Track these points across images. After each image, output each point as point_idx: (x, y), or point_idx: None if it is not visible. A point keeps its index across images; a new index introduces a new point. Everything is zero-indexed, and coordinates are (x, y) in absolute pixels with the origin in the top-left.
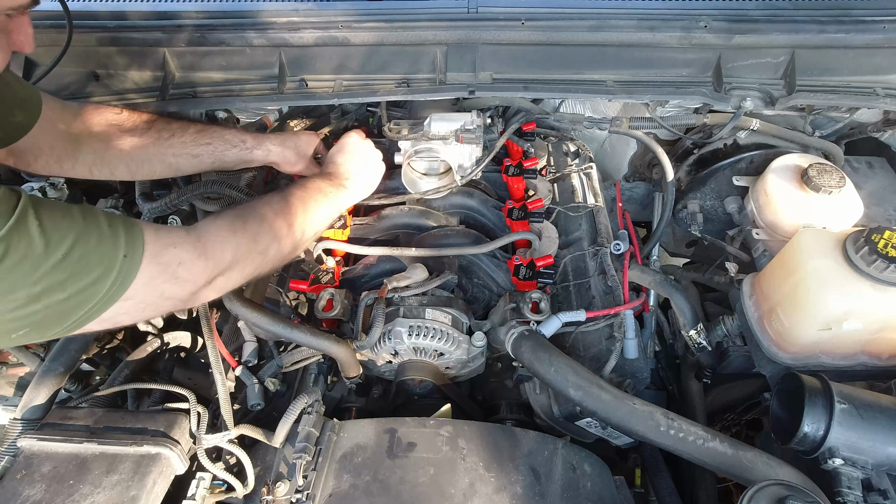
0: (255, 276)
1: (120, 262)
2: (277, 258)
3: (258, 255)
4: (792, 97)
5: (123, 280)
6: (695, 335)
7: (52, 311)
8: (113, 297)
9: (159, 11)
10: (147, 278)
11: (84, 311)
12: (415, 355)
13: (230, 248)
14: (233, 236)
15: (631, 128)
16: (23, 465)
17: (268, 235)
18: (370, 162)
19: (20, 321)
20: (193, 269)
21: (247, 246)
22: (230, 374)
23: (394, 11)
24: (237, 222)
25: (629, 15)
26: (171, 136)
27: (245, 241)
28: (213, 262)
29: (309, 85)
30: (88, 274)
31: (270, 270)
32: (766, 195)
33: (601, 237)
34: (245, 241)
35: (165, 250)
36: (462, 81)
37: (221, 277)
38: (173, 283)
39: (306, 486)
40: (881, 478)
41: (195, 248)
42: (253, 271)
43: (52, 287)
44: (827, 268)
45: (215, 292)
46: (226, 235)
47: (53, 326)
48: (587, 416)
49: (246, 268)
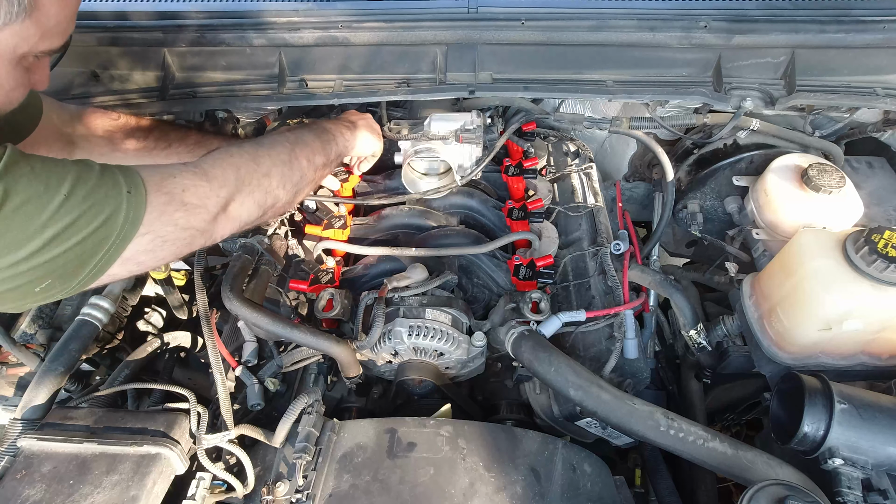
0: (270, 204)
1: (125, 197)
2: (285, 183)
3: (263, 178)
4: (792, 97)
5: (135, 213)
6: (695, 335)
7: (70, 255)
8: (128, 233)
9: (159, 11)
10: (157, 209)
11: (103, 253)
12: (415, 355)
13: (231, 169)
14: (230, 157)
15: (631, 128)
16: (23, 465)
17: (267, 158)
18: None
19: (39, 270)
20: (199, 192)
21: (247, 166)
22: (230, 374)
23: (394, 11)
24: (233, 149)
25: (629, 15)
26: (168, 146)
27: (244, 161)
28: (216, 182)
29: (309, 85)
30: (98, 213)
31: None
32: (766, 195)
33: (601, 237)
34: (244, 162)
35: (166, 180)
36: (462, 81)
37: (234, 203)
38: (184, 210)
39: (306, 486)
40: (881, 478)
41: (195, 174)
42: (264, 196)
43: (64, 230)
44: (827, 268)
45: (232, 222)
46: (223, 157)
47: (76, 273)
48: (587, 416)
49: (255, 192)
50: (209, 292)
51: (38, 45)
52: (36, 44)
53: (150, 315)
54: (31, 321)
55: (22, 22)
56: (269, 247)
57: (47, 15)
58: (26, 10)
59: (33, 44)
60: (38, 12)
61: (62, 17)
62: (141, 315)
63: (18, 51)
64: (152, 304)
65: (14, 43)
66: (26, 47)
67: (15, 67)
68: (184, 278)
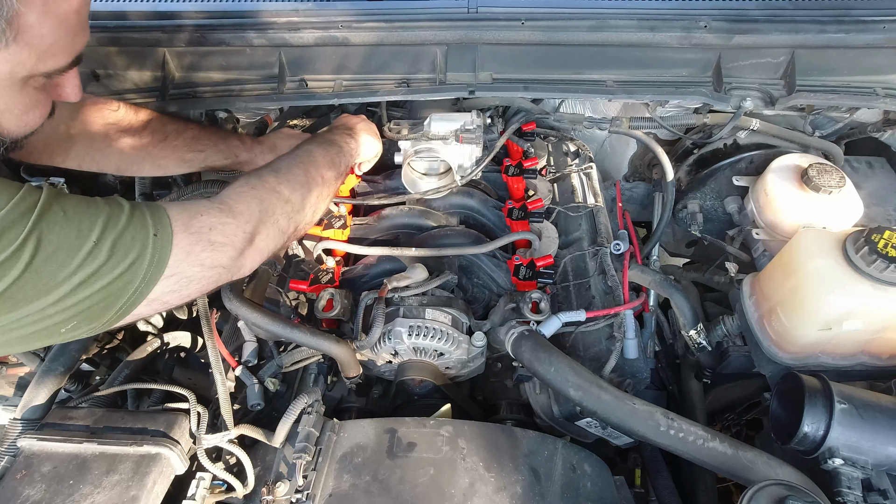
0: (293, 230)
1: (152, 241)
2: (306, 206)
3: (285, 204)
4: (792, 97)
5: (160, 257)
6: (695, 335)
7: (96, 298)
8: (154, 276)
9: (159, 11)
10: (184, 251)
11: (129, 295)
12: (415, 355)
13: (255, 203)
14: (253, 191)
15: (631, 128)
16: (23, 465)
17: (287, 185)
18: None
19: (67, 313)
20: (227, 231)
21: (269, 198)
22: (230, 374)
23: (394, 11)
24: (253, 180)
25: (629, 15)
26: (165, 139)
27: (266, 192)
28: (243, 218)
29: (309, 85)
30: (125, 257)
31: (306, 224)
32: (766, 195)
33: (601, 237)
34: (266, 193)
35: (193, 220)
36: (462, 81)
37: (259, 236)
38: (211, 249)
39: (306, 486)
40: (881, 478)
41: (221, 211)
42: (288, 224)
43: (92, 274)
44: (827, 268)
45: (259, 254)
46: (246, 191)
47: (101, 315)
48: (587, 416)
49: (279, 220)
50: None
51: (39, 66)
52: (35, 66)
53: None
54: None
55: (7, 48)
56: None
57: (38, 36)
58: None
59: (32, 66)
60: (26, 35)
61: (59, 36)
62: None
63: (17, 75)
64: None
65: (7, 69)
66: (24, 71)
67: (21, 91)
68: None
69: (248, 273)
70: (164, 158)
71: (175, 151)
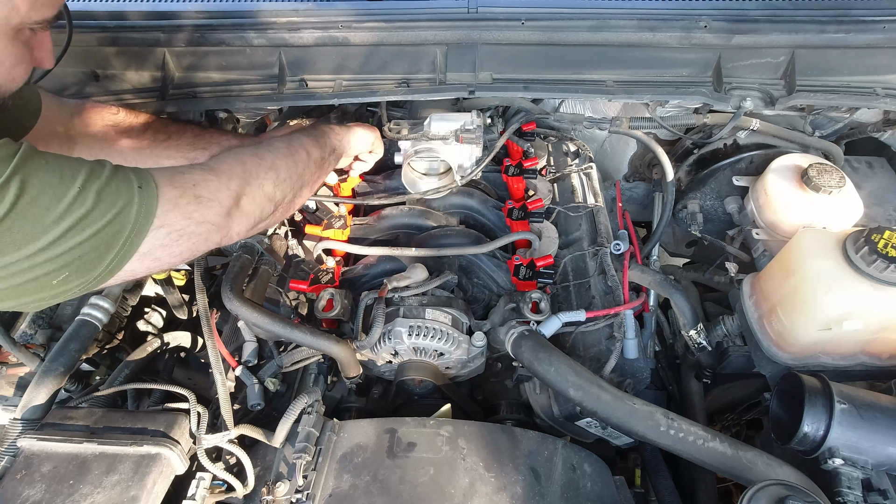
0: (280, 197)
1: (137, 192)
2: (290, 175)
3: (269, 170)
4: (792, 97)
5: (147, 207)
6: (695, 335)
7: (86, 247)
8: (143, 226)
9: (159, 11)
10: (170, 202)
11: (119, 246)
12: (415, 355)
13: (236, 163)
14: (234, 155)
15: (631, 128)
16: (23, 465)
17: (268, 153)
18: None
19: (57, 261)
20: (210, 187)
21: (251, 160)
22: (230, 374)
23: (394, 11)
24: (235, 149)
25: (629, 15)
26: (167, 138)
27: (248, 156)
28: (224, 176)
29: (309, 85)
30: (112, 205)
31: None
32: (766, 195)
33: (601, 237)
34: (248, 157)
35: (175, 176)
36: (462, 81)
37: (245, 198)
38: (197, 203)
39: (306, 486)
40: (881, 478)
41: (203, 169)
42: (273, 189)
43: (79, 220)
44: (827, 268)
45: (246, 217)
46: (228, 155)
47: (93, 267)
48: (587, 416)
49: (264, 184)
50: (209, 292)
51: (31, 14)
52: (27, 13)
53: (150, 315)
54: (31, 321)
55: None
56: (269, 247)
57: None
58: None
59: (24, 13)
60: None
61: None
62: (141, 315)
63: (11, 22)
64: (152, 304)
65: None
66: (17, 18)
67: (12, 42)
68: (184, 278)
69: (236, 238)
70: (167, 158)
71: (178, 150)
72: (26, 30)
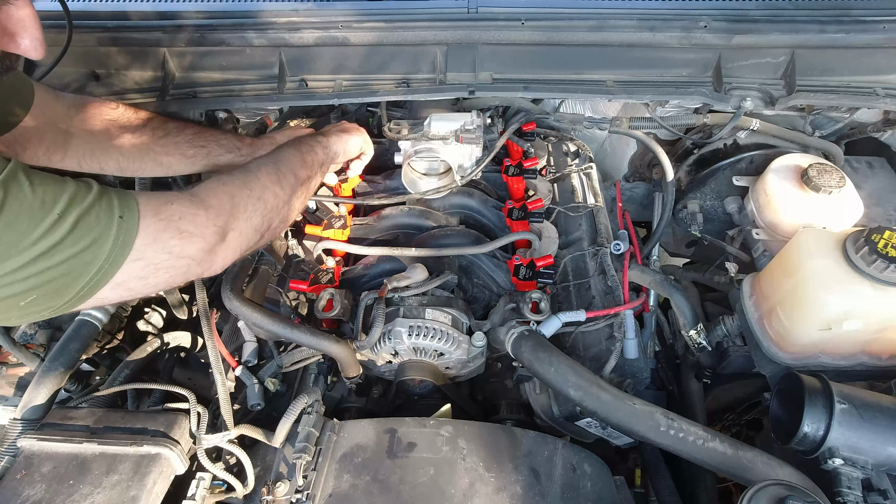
0: (266, 227)
1: (117, 222)
2: (279, 204)
3: (258, 202)
4: (792, 97)
5: (125, 239)
6: (695, 335)
7: (56, 272)
8: (118, 258)
9: (159, 11)
10: (150, 235)
11: (91, 275)
12: (415, 355)
13: (226, 196)
14: (224, 186)
15: (631, 128)
16: (23, 465)
17: (257, 182)
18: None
19: (25, 283)
20: (196, 221)
21: (241, 192)
22: (230, 374)
23: (394, 11)
24: (224, 176)
25: (629, 15)
26: (166, 135)
27: (237, 187)
28: (213, 211)
29: (309, 85)
30: (87, 234)
31: (280, 221)
32: (766, 195)
33: (601, 237)
34: (237, 188)
35: (162, 207)
36: (462, 81)
37: (232, 233)
38: (180, 238)
39: (306, 486)
40: (881, 478)
41: (192, 202)
42: (261, 222)
43: (52, 247)
44: (827, 268)
45: (231, 252)
46: (217, 186)
47: (62, 293)
48: (587, 416)
49: (252, 217)
50: (209, 292)
51: None
52: None
53: (150, 315)
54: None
55: None
56: (269, 247)
57: None
58: None
59: None
60: None
61: None
62: (141, 315)
63: None
64: (152, 304)
65: None
66: None
67: None
68: None
69: (219, 271)
70: (166, 155)
71: (177, 148)
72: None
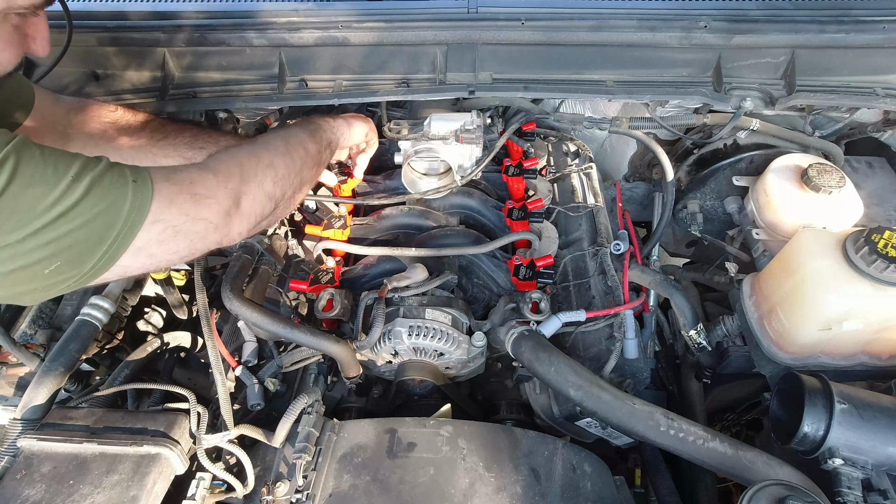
0: (280, 195)
1: (131, 185)
2: (289, 171)
3: (267, 168)
4: (792, 97)
5: (142, 200)
6: (695, 335)
7: (77, 236)
8: (137, 219)
9: (159, 11)
10: (166, 198)
11: (112, 237)
12: (415, 355)
13: (234, 162)
14: (232, 156)
15: (631, 128)
16: (23, 465)
17: (265, 151)
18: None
19: (47, 249)
20: (208, 185)
21: (249, 160)
22: (230, 374)
23: (394, 11)
24: (231, 149)
25: (629, 15)
26: (164, 137)
27: (245, 156)
28: (222, 175)
29: (309, 85)
30: (104, 197)
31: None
32: (766, 195)
33: (601, 237)
34: (246, 157)
35: (173, 174)
36: (462, 81)
37: (245, 198)
38: (194, 201)
39: (306, 486)
40: (881, 478)
41: (200, 168)
42: (274, 188)
43: (70, 209)
44: (827, 268)
45: (246, 218)
46: (225, 156)
47: (85, 258)
48: (587, 416)
49: (263, 183)
50: (209, 292)
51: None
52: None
53: (150, 315)
54: (31, 321)
55: None
56: (269, 247)
57: None
58: None
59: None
60: None
61: None
62: (141, 315)
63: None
64: (152, 304)
65: None
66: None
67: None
68: (184, 278)
69: (238, 239)
70: (164, 157)
71: (176, 150)
72: (13, 15)
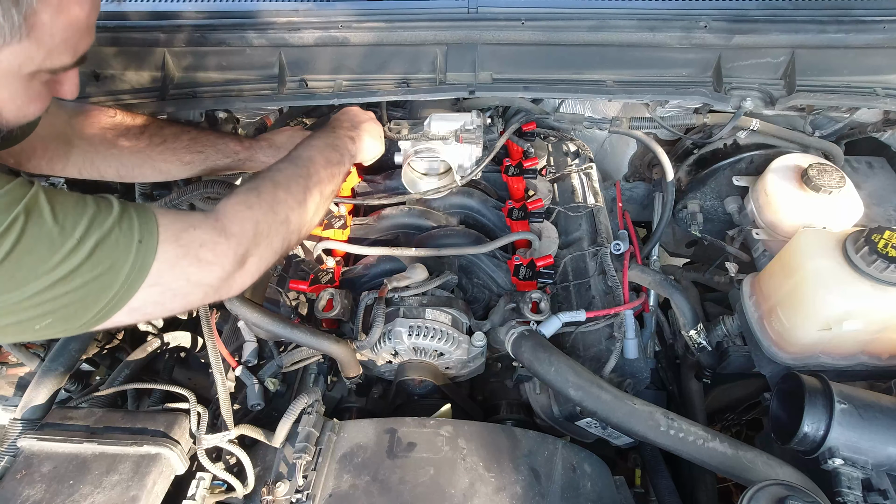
0: (285, 249)
1: (135, 247)
2: (301, 224)
3: (281, 226)
4: (792, 97)
5: (142, 264)
6: (695, 335)
7: (73, 297)
8: (134, 283)
9: (159, 11)
10: (169, 262)
11: (108, 300)
12: (415, 355)
13: (250, 224)
14: (250, 211)
15: (631, 128)
16: (23, 465)
17: (285, 204)
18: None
19: (41, 308)
20: (217, 250)
21: (266, 217)
22: (230, 374)
23: (394, 11)
24: (251, 196)
25: (629, 15)
26: (164, 141)
27: (263, 212)
28: (235, 239)
29: (309, 85)
30: (106, 259)
31: (298, 239)
32: (766, 195)
33: (601, 237)
34: (263, 213)
35: (184, 232)
36: (462, 81)
37: (252, 258)
38: (198, 266)
39: (306, 486)
40: (881, 478)
41: (214, 229)
42: (281, 244)
43: (70, 272)
44: (827, 268)
45: (249, 276)
46: (243, 211)
47: (78, 316)
48: (587, 416)
49: (273, 242)
50: None
51: (45, 62)
52: (42, 62)
53: None
54: None
55: (20, 42)
56: None
57: (49, 34)
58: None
59: (39, 62)
60: (37, 32)
61: (68, 35)
62: None
63: (24, 70)
64: None
65: (18, 62)
66: (32, 66)
67: (27, 85)
68: None
69: (236, 294)
70: (163, 162)
71: (174, 154)
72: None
